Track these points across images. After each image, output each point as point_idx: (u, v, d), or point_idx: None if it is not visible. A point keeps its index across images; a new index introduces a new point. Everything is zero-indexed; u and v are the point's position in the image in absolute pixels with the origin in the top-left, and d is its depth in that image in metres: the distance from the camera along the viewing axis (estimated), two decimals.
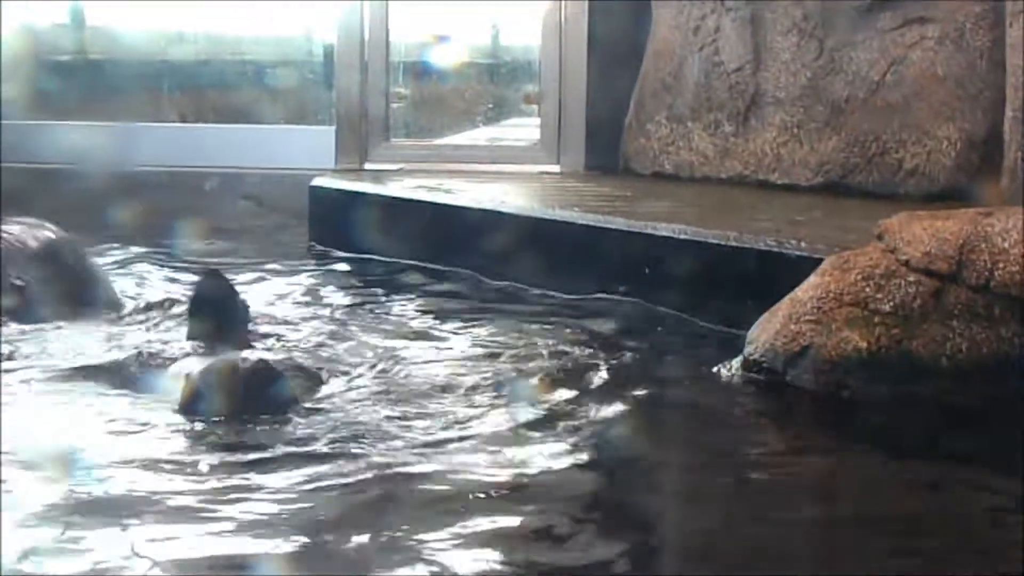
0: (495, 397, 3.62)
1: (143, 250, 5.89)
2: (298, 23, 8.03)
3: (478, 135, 7.70)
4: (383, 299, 5.07)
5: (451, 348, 4.24)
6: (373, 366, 3.89)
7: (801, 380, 3.72)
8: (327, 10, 7.24)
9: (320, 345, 4.16)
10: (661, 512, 2.96)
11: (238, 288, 4.39)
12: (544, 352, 4.15)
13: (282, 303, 4.98)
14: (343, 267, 5.81)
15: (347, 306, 4.93)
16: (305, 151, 7.04)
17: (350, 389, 3.65)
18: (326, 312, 4.80)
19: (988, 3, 5.41)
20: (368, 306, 4.93)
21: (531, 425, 3.37)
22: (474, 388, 3.71)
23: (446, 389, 3.69)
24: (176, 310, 4.42)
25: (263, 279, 5.47)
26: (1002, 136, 5.23)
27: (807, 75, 5.99)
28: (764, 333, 3.85)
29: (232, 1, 7.98)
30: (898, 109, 5.67)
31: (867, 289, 3.75)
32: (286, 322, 4.54)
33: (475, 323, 4.60)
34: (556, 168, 6.96)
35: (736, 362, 3.88)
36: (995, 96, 5.34)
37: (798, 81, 6.02)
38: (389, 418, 3.38)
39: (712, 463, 3.26)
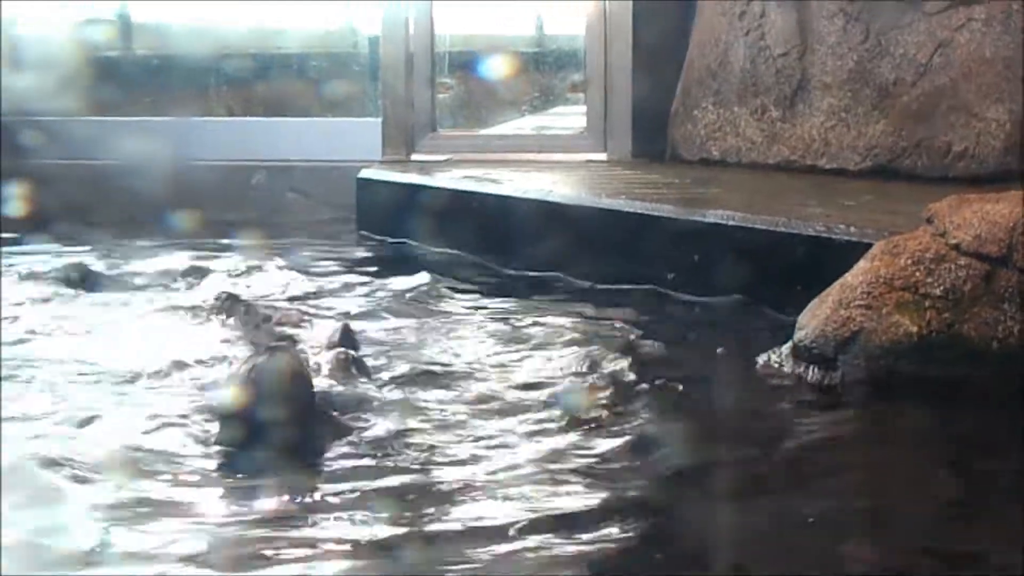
0: (547, 388, 3.64)
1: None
2: (343, 16, 8.06)
3: (524, 124, 7.70)
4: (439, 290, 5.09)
5: (496, 337, 4.26)
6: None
7: (852, 365, 3.71)
8: (372, 3, 7.26)
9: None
10: (713, 499, 2.97)
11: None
12: (594, 339, 4.17)
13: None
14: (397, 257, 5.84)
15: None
16: (351, 143, 7.07)
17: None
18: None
19: None
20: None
21: (586, 411, 3.39)
22: (524, 379, 3.73)
23: (497, 381, 3.72)
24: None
25: (313, 271, 5.51)
26: None
27: (854, 59, 5.96)
28: (814, 319, 3.84)
29: None
30: (946, 92, 5.64)
31: (917, 273, 3.74)
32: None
33: (525, 313, 4.61)
34: (603, 156, 6.96)
35: (786, 348, 3.88)
36: None
37: (845, 65, 6.00)
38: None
39: (763, 452, 3.26)
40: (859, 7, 5.92)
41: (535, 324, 4.42)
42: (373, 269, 5.56)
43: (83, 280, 5.02)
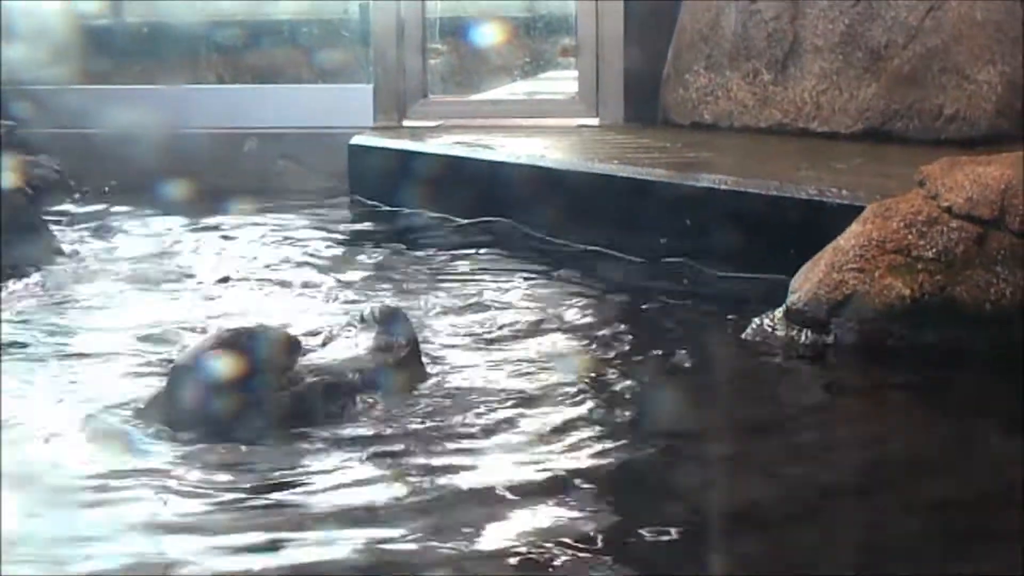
0: (537, 357, 3.66)
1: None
2: None
3: (516, 89, 7.69)
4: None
5: (483, 304, 4.27)
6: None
7: (844, 328, 3.73)
8: None
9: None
10: (705, 463, 2.99)
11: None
12: (584, 304, 4.18)
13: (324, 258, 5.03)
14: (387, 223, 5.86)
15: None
16: (343, 110, 7.04)
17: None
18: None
19: None
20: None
21: (578, 379, 3.40)
22: (512, 347, 3.74)
23: (486, 344, 3.73)
24: None
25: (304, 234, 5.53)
26: None
27: (845, 22, 5.95)
28: (807, 282, 3.85)
29: None
30: (937, 54, 5.64)
31: (909, 236, 3.76)
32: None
33: (517, 281, 4.63)
34: (595, 121, 6.95)
35: (779, 312, 3.88)
36: None
37: (836, 28, 5.99)
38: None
39: (755, 416, 3.28)
40: None
41: (531, 291, 4.43)
42: (365, 235, 5.59)
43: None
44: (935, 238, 3.73)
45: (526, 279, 4.65)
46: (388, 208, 6.10)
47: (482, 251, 5.16)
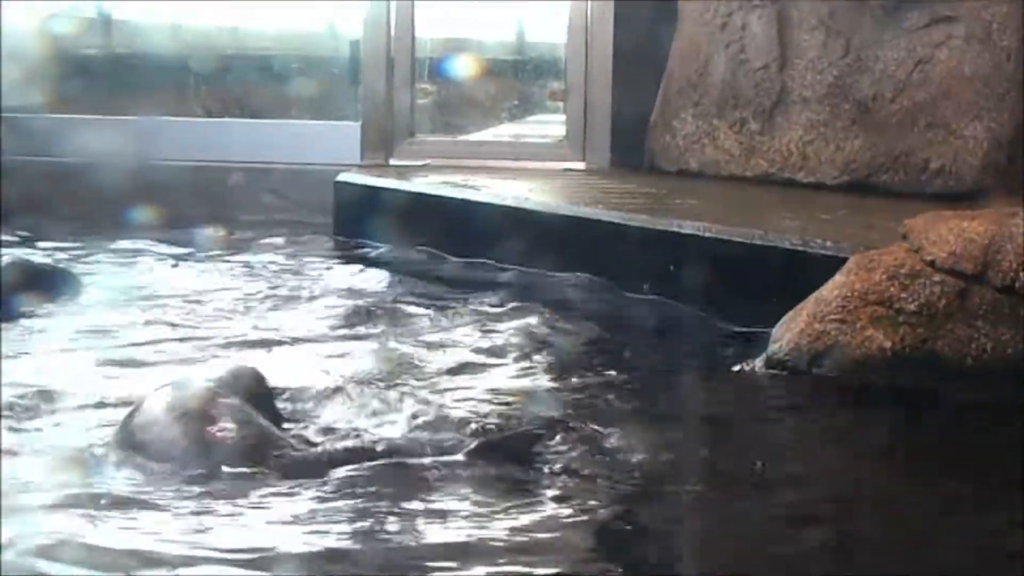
0: (513, 391, 3.63)
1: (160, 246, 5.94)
2: (324, 19, 8.04)
3: (503, 131, 7.70)
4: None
5: (468, 342, 4.25)
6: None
7: (825, 378, 3.72)
8: (353, 6, 7.25)
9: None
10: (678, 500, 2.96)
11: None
12: (564, 348, 4.17)
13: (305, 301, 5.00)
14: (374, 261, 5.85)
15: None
16: (330, 147, 7.05)
17: None
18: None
19: (1015, 2, 5.40)
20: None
21: (550, 421, 3.38)
22: (495, 380, 3.72)
23: (463, 384, 3.71)
24: None
25: (289, 271, 5.50)
26: None
27: (833, 73, 5.98)
28: (789, 331, 3.85)
29: None
30: (924, 108, 5.65)
31: (892, 289, 3.75)
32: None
33: (501, 320, 4.61)
34: (581, 165, 6.96)
35: (760, 360, 3.88)
36: (1021, 96, 5.33)
37: (824, 79, 6.01)
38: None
39: (726, 450, 3.27)
40: (840, 22, 5.94)
41: (512, 328, 4.41)
42: (340, 271, 5.60)
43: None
44: (917, 291, 3.73)
45: (495, 317, 4.62)
46: (372, 244, 6.09)
47: (458, 290, 5.15)
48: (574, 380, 3.79)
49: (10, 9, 7.47)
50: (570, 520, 2.71)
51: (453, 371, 3.86)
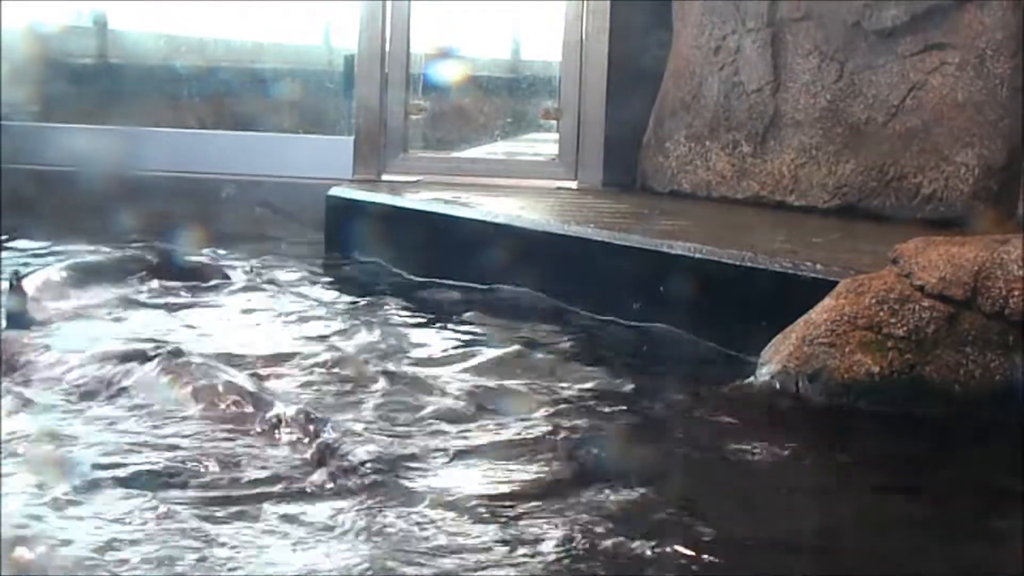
0: (495, 412, 3.62)
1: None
2: (318, 33, 8.05)
3: (496, 149, 7.70)
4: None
5: (455, 362, 4.24)
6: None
7: (813, 402, 3.71)
8: (348, 20, 7.25)
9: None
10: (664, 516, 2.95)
11: None
12: (555, 369, 4.16)
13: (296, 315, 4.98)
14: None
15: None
16: (323, 161, 7.05)
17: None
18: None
19: (1009, 30, 5.41)
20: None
21: (534, 440, 3.37)
22: (480, 404, 3.71)
23: (452, 403, 3.70)
24: None
25: (276, 285, 5.49)
26: (1020, 163, 5.22)
27: (826, 97, 5.98)
28: (777, 354, 3.84)
29: (254, 7, 8.00)
30: (917, 134, 5.66)
31: (881, 313, 3.75)
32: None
33: (487, 340, 4.60)
34: (573, 184, 6.97)
35: (748, 382, 3.87)
36: (1014, 123, 5.34)
37: (817, 103, 6.02)
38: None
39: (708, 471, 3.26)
40: (834, 46, 5.94)
41: (499, 347, 4.40)
42: (326, 284, 5.62)
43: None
44: (906, 316, 3.73)
45: (484, 336, 4.61)
46: (361, 259, 6.08)
47: (445, 307, 5.14)
48: (554, 403, 3.78)
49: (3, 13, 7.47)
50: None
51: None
